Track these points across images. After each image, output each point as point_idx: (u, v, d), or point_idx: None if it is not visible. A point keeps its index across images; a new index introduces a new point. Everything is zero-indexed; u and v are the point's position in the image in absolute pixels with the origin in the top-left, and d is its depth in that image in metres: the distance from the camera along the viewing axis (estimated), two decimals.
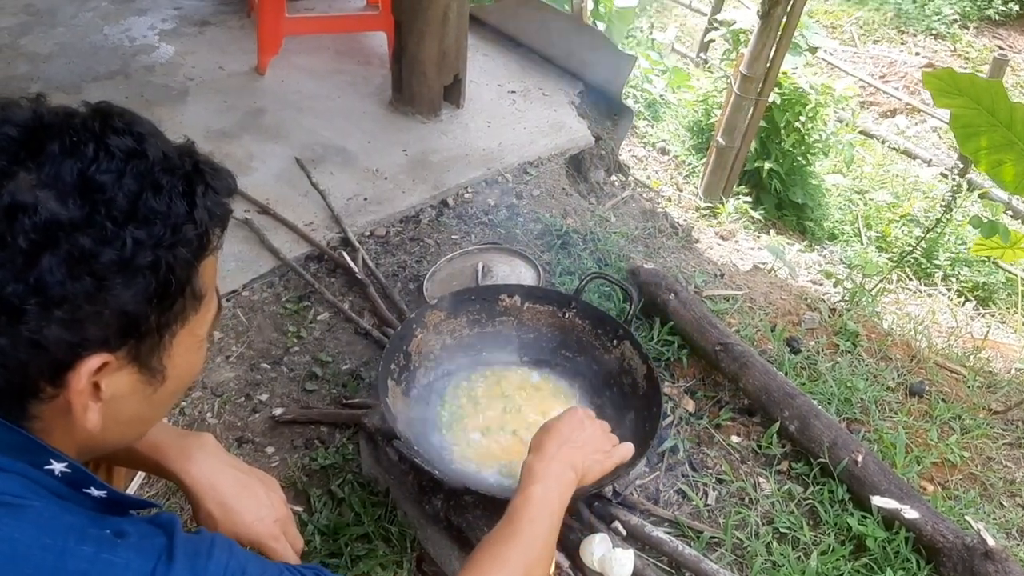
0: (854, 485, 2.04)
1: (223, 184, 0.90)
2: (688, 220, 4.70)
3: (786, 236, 5.09)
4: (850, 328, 2.66)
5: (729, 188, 5.00)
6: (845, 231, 5.42)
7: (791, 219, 5.36)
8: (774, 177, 5.20)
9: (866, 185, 5.87)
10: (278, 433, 2.15)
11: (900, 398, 2.45)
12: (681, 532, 1.96)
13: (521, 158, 3.17)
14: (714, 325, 2.34)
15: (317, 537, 1.89)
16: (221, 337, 2.40)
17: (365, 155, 3.10)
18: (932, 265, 5.00)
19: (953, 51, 7.84)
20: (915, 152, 6.22)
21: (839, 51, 7.50)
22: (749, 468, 2.14)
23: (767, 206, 5.18)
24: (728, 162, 4.88)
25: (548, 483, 1.32)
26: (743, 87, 4.40)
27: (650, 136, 5.72)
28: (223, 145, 3.09)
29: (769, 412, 2.20)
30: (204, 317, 0.93)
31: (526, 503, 1.28)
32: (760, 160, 5.14)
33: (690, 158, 5.58)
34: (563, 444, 1.39)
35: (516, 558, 1.20)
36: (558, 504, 1.32)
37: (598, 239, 2.80)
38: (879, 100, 7.03)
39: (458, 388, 1.96)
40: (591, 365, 2.00)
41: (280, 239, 2.68)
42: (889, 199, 5.61)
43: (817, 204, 5.39)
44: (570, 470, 1.37)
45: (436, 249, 2.74)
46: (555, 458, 1.36)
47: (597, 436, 1.45)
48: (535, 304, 2.04)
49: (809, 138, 5.27)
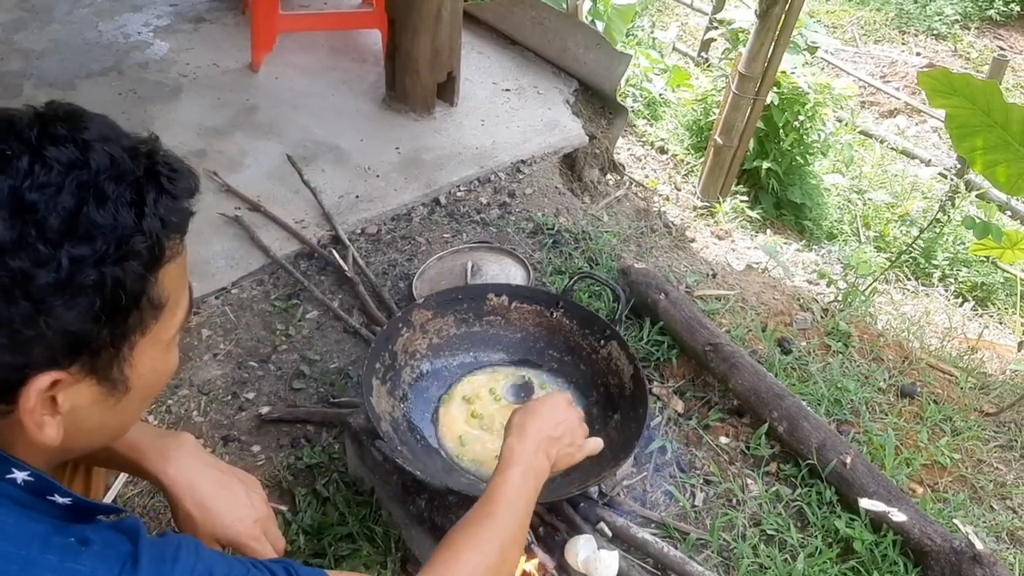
0: (842, 487, 2.02)
1: (182, 186, 0.86)
2: (685, 219, 4.69)
3: (784, 235, 5.08)
4: (842, 329, 2.65)
5: (727, 187, 4.98)
6: (844, 231, 5.40)
7: (789, 219, 5.35)
8: (772, 177, 5.18)
9: (865, 185, 5.84)
10: (264, 432, 2.14)
11: (891, 399, 2.44)
12: (667, 533, 1.95)
13: (514, 156, 3.16)
14: (704, 325, 2.33)
15: (301, 537, 1.88)
16: (209, 335, 2.39)
17: (358, 153, 3.09)
18: (931, 265, 4.98)
19: (954, 51, 7.81)
20: (914, 152, 6.20)
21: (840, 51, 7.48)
22: (737, 469, 2.13)
23: (765, 205, 5.16)
24: (726, 161, 4.86)
25: (527, 467, 1.31)
26: (741, 86, 4.38)
27: (649, 135, 5.70)
28: (215, 142, 3.08)
29: (758, 413, 2.19)
30: (169, 323, 0.90)
31: (504, 485, 1.27)
32: (759, 160, 5.12)
33: (689, 157, 5.57)
34: (544, 429, 1.38)
35: (492, 539, 1.19)
36: (534, 490, 1.31)
37: (590, 238, 2.79)
38: (879, 100, 7.01)
39: (444, 388, 1.95)
40: (578, 365, 1.99)
41: (270, 236, 2.67)
42: (888, 199, 5.59)
43: (816, 204, 5.37)
44: (546, 458, 1.36)
45: (427, 247, 2.73)
46: (535, 443, 1.35)
47: (574, 426, 1.43)
48: (522, 304, 2.03)
49: (807, 138, 5.25)
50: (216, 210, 2.75)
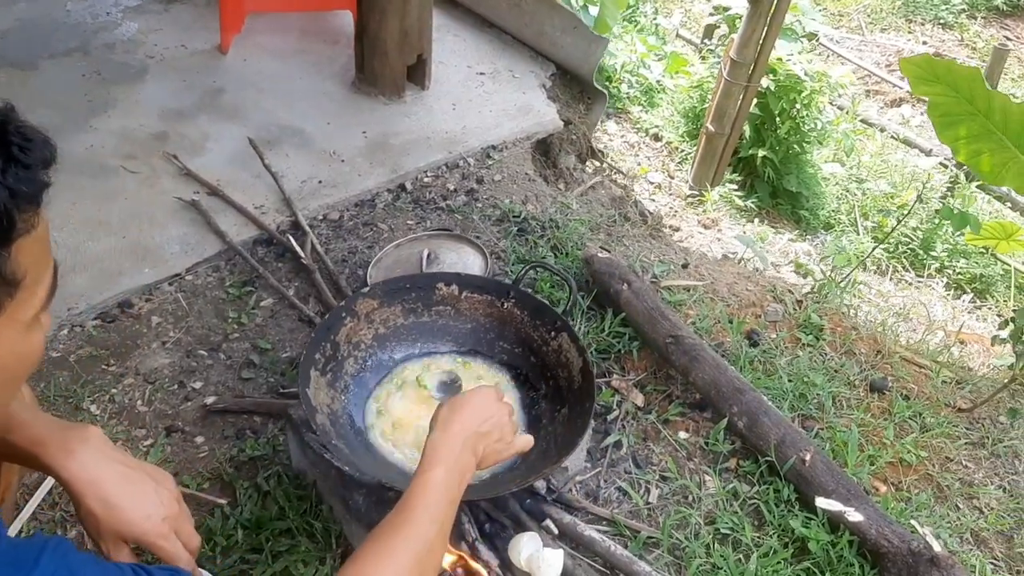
0: (801, 485, 1.96)
1: (36, 156, 0.81)
2: (673, 207, 4.61)
3: (778, 225, 5.02)
4: (814, 321, 2.58)
5: (719, 176, 4.92)
6: (841, 220, 5.33)
7: (785, 208, 5.27)
8: (768, 165, 5.11)
9: (864, 174, 5.77)
10: (210, 423, 2.08)
11: (860, 394, 2.37)
12: (618, 531, 1.89)
13: (484, 142, 3.09)
14: (666, 316, 2.26)
15: (240, 531, 1.82)
16: (159, 322, 2.33)
17: (323, 137, 3.02)
18: (929, 256, 4.91)
19: (960, 41, 7.70)
20: (915, 141, 6.11)
21: (845, 39, 7.37)
22: (695, 465, 2.07)
23: (761, 194, 5.09)
24: (718, 149, 4.80)
25: (450, 466, 1.25)
26: (733, 73, 4.30)
27: (644, 122, 5.63)
28: (178, 125, 3.01)
29: (719, 408, 2.12)
30: (27, 302, 0.85)
31: (425, 488, 1.21)
32: (755, 147, 5.05)
33: (683, 145, 5.51)
34: (470, 424, 1.31)
35: (405, 548, 1.13)
36: (457, 490, 1.25)
37: (557, 226, 2.72)
38: (884, 89, 6.91)
39: (389, 380, 1.89)
40: (529, 357, 1.93)
41: (228, 222, 2.61)
42: (887, 188, 5.51)
43: (812, 193, 5.29)
44: (472, 455, 1.29)
45: (389, 234, 2.66)
46: (461, 438, 1.28)
47: (503, 422, 1.36)
48: (473, 293, 1.96)
49: (804, 126, 5.17)
50: (173, 194, 2.68)
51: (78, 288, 2.35)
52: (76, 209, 2.59)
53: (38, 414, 1.22)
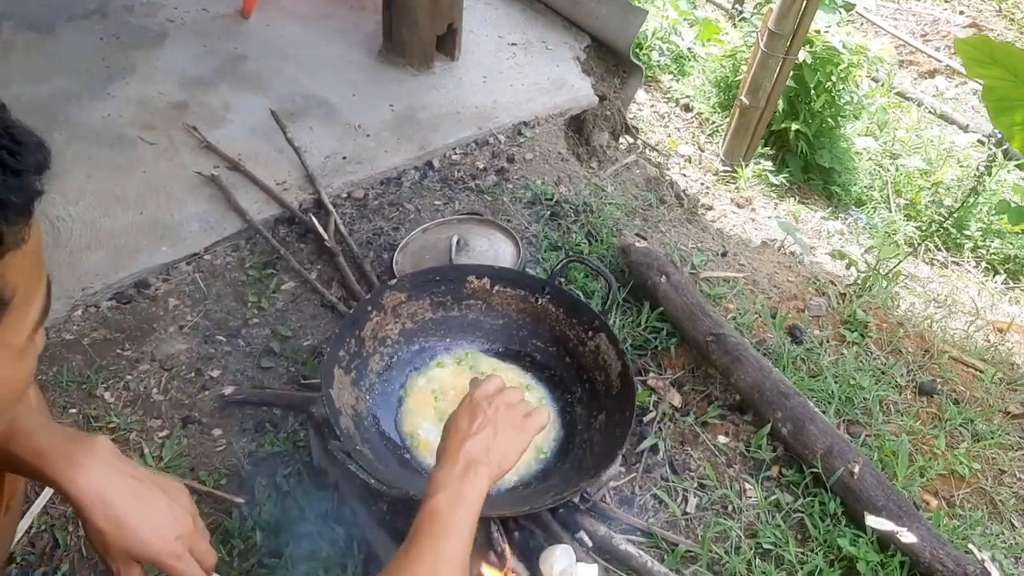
0: (849, 498, 1.86)
1: (27, 161, 0.71)
2: (705, 183, 4.46)
3: (810, 202, 4.88)
4: (860, 317, 2.46)
5: (751, 150, 4.76)
6: (873, 197, 5.17)
7: (817, 183, 5.12)
8: (801, 139, 4.95)
9: (898, 149, 5.59)
10: (228, 414, 2.00)
11: (908, 398, 2.25)
12: (655, 543, 1.79)
13: (516, 117, 2.95)
14: (707, 313, 2.14)
15: (258, 534, 1.75)
16: (176, 305, 2.24)
17: (348, 109, 2.89)
18: (963, 236, 4.76)
19: (998, 11, 7.42)
20: (952, 117, 5.90)
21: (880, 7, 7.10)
22: (735, 473, 1.97)
23: (792, 169, 4.94)
24: (751, 123, 4.63)
25: (453, 489, 1.14)
26: (770, 44, 4.11)
27: (674, 92, 5.46)
28: (198, 93, 2.89)
29: (761, 412, 2.01)
30: (16, 323, 0.75)
31: (430, 518, 1.11)
32: (788, 121, 4.89)
33: (714, 116, 5.34)
34: (466, 437, 1.20)
35: None
36: (468, 509, 1.15)
37: (591, 210, 2.59)
38: (918, 60, 6.67)
39: (416, 378, 1.79)
40: (563, 357, 1.82)
41: (249, 199, 2.50)
42: (921, 165, 5.34)
43: (845, 168, 5.12)
44: (479, 465, 1.18)
45: (416, 215, 2.55)
46: (457, 455, 1.18)
47: (506, 413, 1.25)
48: (505, 288, 1.85)
49: (840, 99, 5.00)
50: (192, 168, 2.57)
51: (93, 266, 2.26)
52: (92, 182, 2.49)
53: (43, 422, 1.13)
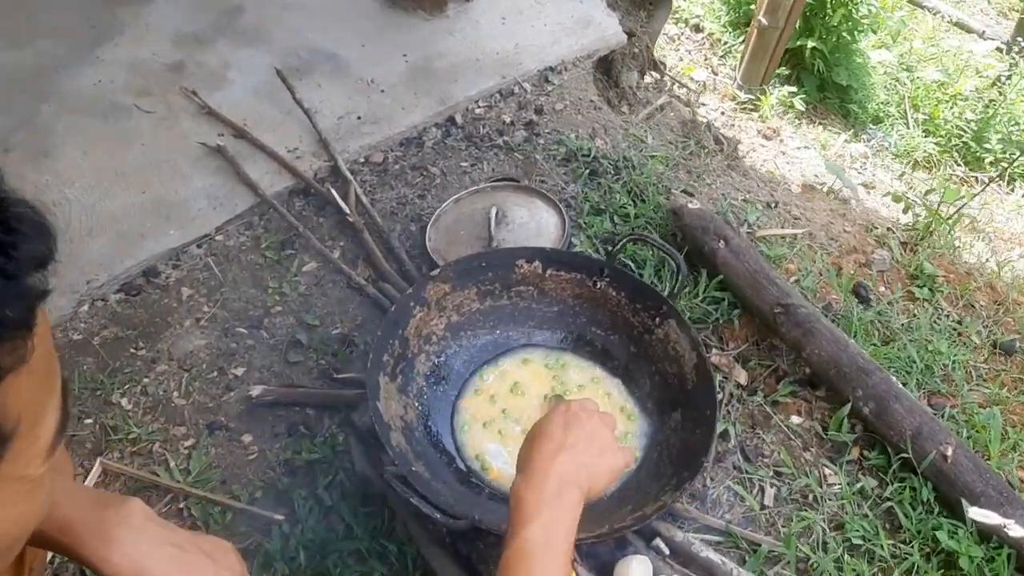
0: (942, 484, 1.70)
1: (23, 257, 0.52)
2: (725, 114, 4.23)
3: (827, 122, 4.68)
4: (927, 270, 2.27)
5: (770, 74, 4.53)
6: (890, 113, 4.96)
7: (833, 102, 4.92)
8: (818, 56, 4.71)
9: (914, 61, 5.34)
10: (257, 417, 1.83)
11: (986, 358, 2.08)
12: (734, 543, 1.64)
13: (541, 62, 2.71)
14: (773, 281, 1.96)
15: (302, 553, 1.60)
16: (190, 295, 2.05)
17: (358, 62, 2.65)
18: (983, 149, 4.56)
19: None
20: (968, 24, 5.62)
21: None
22: (813, 457, 1.81)
23: (808, 88, 4.72)
24: (770, 45, 4.38)
25: (546, 518, 0.98)
26: None
27: (683, 11, 5.19)
28: (194, 52, 2.65)
29: (838, 389, 1.85)
30: (24, 455, 0.58)
31: (520, 556, 0.96)
32: (803, 38, 4.64)
33: (726, 35, 5.08)
34: (557, 453, 1.04)
35: None
36: (563, 539, 0.99)
37: (632, 166, 2.38)
38: None
39: (469, 380, 1.61)
40: (628, 347, 1.64)
41: (259, 170, 2.29)
42: (939, 77, 5.10)
43: (861, 85, 4.90)
44: (572, 488, 1.02)
45: (442, 180, 2.34)
46: (549, 478, 1.02)
47: (602, 432, 1.09)
48: (559, 271, 1.66)
49: (857, 12, 4.74)
50: (195, 138, 2.35)
51: (96, 255, 2.07)
52: (88, 159, 2.28)
53: (66, 487, 0.97)
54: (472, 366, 1.62)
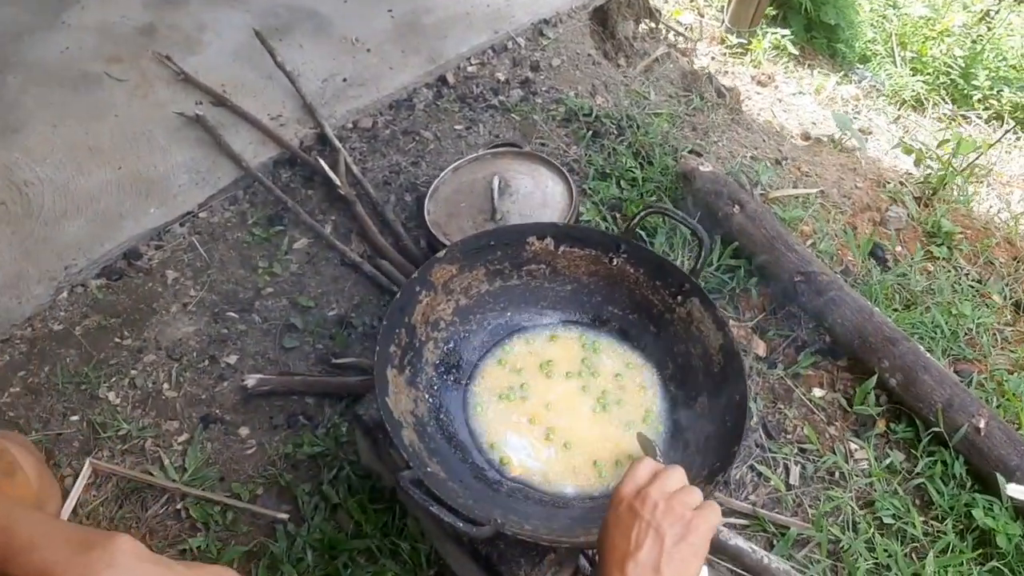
0: (974, 457, 1.64)
1: None
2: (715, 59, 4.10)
3: (815, 63, 4.56)
4: (945, 228, 2.19)
5: (759, 15, 4.38)
6: (878, 51, 4.85)
7: (821, 42, 4.80)
8: None
9: None
10: (253, 407, 1.73)
11: (1009, 319, 2.01)
12: (761, 526, 1.58)
13: (535, 15, 2.57)
14: (791, 247, 1.87)
15: (309, 553, 1.51)
16: (176, 277, 1.93)
17: (341, 19, 2.50)
18: (970, 86, 4.47)
19: None
20: None
21: None
22: (838, 432, 1.74)
23: (795, 28, 4.60)
24: None
25: None
26: None
27: None
28: (166, 14, 2.48)
29: (863, 360, 1.77)
30: None
31: None
32: None
33: None
34: (626, 557, 0.92)
35: None
36: None
37: (636, 125, 2.26)
38: None
39: (481, 367, 1.51)
40: (648, 327, 1.54)
41: (242, 140, 2.15)
42: (925, 12, 4.99)
43: (849, 23, 4.78)
44: None
45: (436, 145, 2.21)
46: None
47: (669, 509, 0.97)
48: (572, 248, 1.55)
49: None
50: (172, 107, 2.21)
51: (73, 238, 1.94)
52: (59, 133, 2.13)
53: (46, 526, 0.87)
54: (482, 351, 1.52)
